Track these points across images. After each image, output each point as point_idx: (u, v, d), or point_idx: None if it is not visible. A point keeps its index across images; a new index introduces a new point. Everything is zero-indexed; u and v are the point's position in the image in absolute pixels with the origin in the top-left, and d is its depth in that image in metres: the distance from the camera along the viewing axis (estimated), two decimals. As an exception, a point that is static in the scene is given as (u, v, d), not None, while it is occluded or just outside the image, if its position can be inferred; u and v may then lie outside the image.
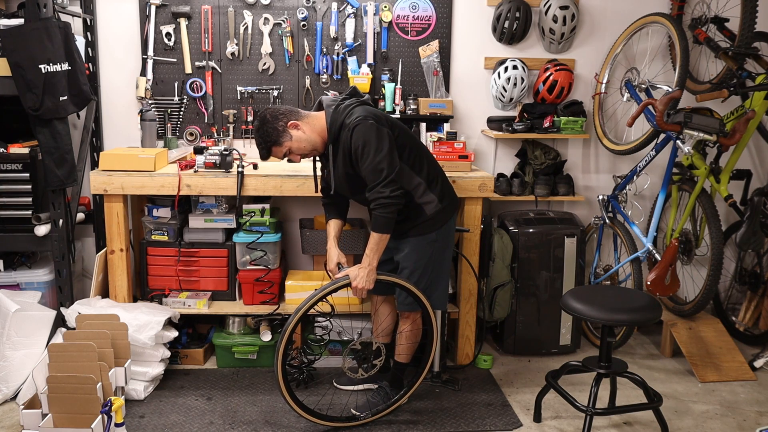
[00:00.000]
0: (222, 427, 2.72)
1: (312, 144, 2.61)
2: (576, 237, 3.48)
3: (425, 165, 2.69)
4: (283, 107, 2.66)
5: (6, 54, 2.88)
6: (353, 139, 2.49)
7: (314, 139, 2.61)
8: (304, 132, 2.59)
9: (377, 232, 2.53)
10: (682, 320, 3.51)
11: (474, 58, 3.76)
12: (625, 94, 3.68)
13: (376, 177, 2.47)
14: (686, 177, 3.45)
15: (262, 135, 2.60)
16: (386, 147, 2.49)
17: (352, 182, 2.63)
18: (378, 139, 2.48)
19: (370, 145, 2.46)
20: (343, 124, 2.55)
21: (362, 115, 2.51)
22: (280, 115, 2.60)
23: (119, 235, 3.13)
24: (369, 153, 2.47)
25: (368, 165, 2.48)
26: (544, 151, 3.77)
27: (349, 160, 2.56)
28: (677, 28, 3.31)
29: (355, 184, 2.63)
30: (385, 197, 2.46)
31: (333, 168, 2.64)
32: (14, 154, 3.08)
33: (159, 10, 3.51)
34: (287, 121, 2.58)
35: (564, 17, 3.61)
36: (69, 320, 3.03)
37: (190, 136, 3.63)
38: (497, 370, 3.38)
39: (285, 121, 2.58)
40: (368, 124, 2.49)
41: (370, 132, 2.47)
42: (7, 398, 2.90)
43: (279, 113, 2.61)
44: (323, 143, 2.62)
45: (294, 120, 2.59)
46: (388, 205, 2.48)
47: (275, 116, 2.59)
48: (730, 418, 2.93)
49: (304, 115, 2.64)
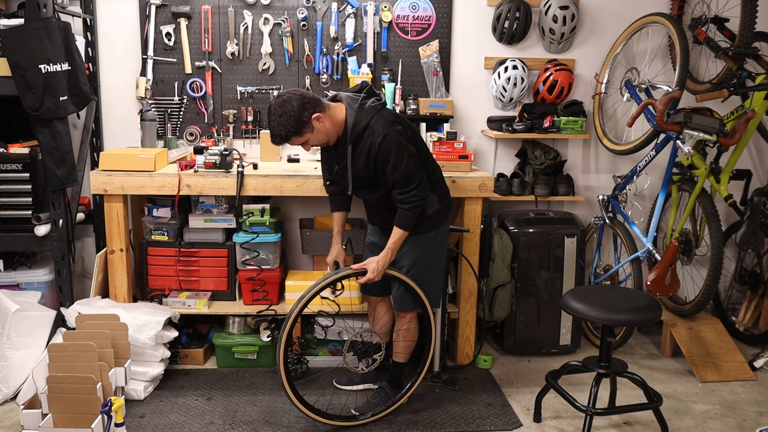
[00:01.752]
0: (222, 427, 2.72)
1: (328, 137, 2.56)
2: (576, 237, 3.48)
3: (429, 165, 2.73)
4: (309, 94, 2.52)
5: (6, 54, 2.88)
6: (383, 146, 2.48)
7: (331, 133, 2.56)
8: (325, 125, 2.52)
9: (404, 229, 2.61)
10: (682, 320, 3.51)
11: (474, 58, 3.76)
12: (625, 94, 3.68)
13: (409, 181, 2.53)
14: (686, 177, 3.46)
15: (283, 122, 2.46)
16: (415, 152, 2.56)
17: (369, 182, 2.63)
18: (408, 146, 2.53)
19: (403, 152, 2.49)
20: (368, 128, 2.50)
21: (390, 120, 2.51)
22: (306, 104, 2.46)
23: (119, 235, 3.13)
24: (402, 160, 2.49)
25: (402, 171, 2.51)
26: (544, 151, 3.76)
27: (372, 164, 2.54)
28: (677, 28, 3.31)
29: (371, 184, 2.64)
30: (419, 199, 2.56)
31: (351, 167, 2.59)
32: (14, 154, 3.08)
33: (159, 10, 3.51)
34: (313, 113, 2.47)
35: (564, 17, 3.61)
36: (69, 320, 3.03)
37: (190, 136, 3.63)
38: (497, 370, 3.38)
39: (311, 112, 2.47)
40: (398, 131, 2.51)
41: (401, 139, 2.50)
42: (7, 398, 2.90)
43: (306, 102, 2.47)
44: (337, 137, 2.58)
45: (319, 112, 2.49)
46: (419, 206, 2.58)
47: (303, 105, 2.46)
48: (730, 418, 2.93)
49: (326, 106, 2.55)
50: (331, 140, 2.58)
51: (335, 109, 2.57)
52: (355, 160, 2.57)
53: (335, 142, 2.60)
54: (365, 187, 2.67)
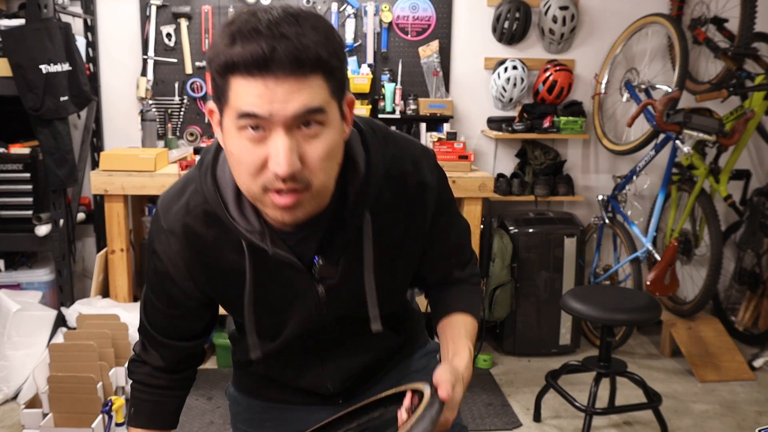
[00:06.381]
0: (222, 427, 2.73)
1: (329, 186, 1.00)
2: (576, 237, 3.48)
3: None
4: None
5: (7, 54, 2.88)
6: (442, 198, 1.18)
7: (334, 170, 1.00)
8: (345, 133, 1.01)
9: (477, 316, 1.28)
10: (682, 320, 3.52)
11: (474, 59, 3.76)
12: (624, 95, 3.69)
13: (465, 250, 1.30)
14: (686, 177, 3.46)
15: (330, 36, 0.92)
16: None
17: (386, 283, 1.16)
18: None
19: (453, 200, 1.25)
20: (401, 171, 1.11)
21: (422, 146, 1.18)
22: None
23: (120, 235, 3.13)
24: (453, 212, 1.25)
25: (456, 232, 1.25)
26: (544, 152, 3.77)
27: (415, 233, 1.16)
28: (677, 29, 3.32)
29: (387, 284, 1.17)
30: (479, 273, 1.35)
31: (374, 264, 1.11)
32: (15, 155, 3.08)
33: (159, 11, 3.51)
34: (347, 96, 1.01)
35: (564, 18, 3.61)
36: (69, 320, 3.04)
37: (191, 136, 3.63)
38: (497, 370, 3.39)
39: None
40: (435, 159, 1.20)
41: (445, 176, 1.20)
42: (8, 398, 2.90)
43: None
44: (329, 198, 1.02)
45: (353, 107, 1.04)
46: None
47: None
48: (729, 418, 2.93)
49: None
50: (324, 194, 0.99)
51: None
52: (381, 242, 1.11)
53: (316, 214, 1.01)
54: (381, 290, 1.15)
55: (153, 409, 1.23)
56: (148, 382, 1.22)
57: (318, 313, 1.14)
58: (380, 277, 1.12)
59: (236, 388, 1.38)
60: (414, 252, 1.19)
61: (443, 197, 1.17)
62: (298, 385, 1.27)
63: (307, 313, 1.14)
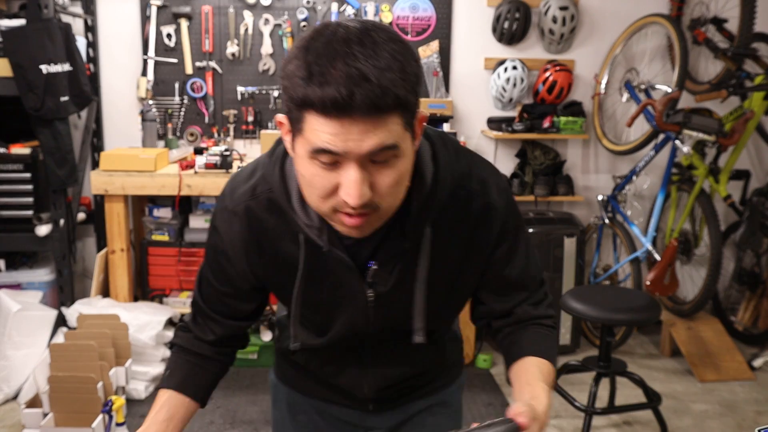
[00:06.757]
0: (222, 427, 2.73)
1: (397, 206, 1.00)
2: (575, 237, 3.49)
3: None
4: None
5: (7, 54, 2.88)
6: (509, 219, 1.14)
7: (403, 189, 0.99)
8: (412, 155, 0.98)
9: (554, 360, 1.19)
10: (682, 320, 3.52)
11: (474, 59, 3.76)
12: (624, 95, 3.69)
13: (533, 282, 1.21)
14: (685, 177, 3.46)
15: (409, 68, 0.91)
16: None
17: (441, 295, 1.16)
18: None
19: (522, 229, 1.19)
20: (467, 190, 1.10)
21: (491, 167, 1.20)
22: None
23: (120, 235, 3.14)
24: (520, 241, 1.18)
25: (521, 264, 1.17)
26: (544, 152, 3.77)
27: (474, 255, 1.13)
28: (676, 29, 3.32)
29: (443, 298, 1.17)
30: (554, 315, 1.25)
31: (427, 279, 1.10)
32: (15, 155, 3.08)
33: (160, 11, 3.51)
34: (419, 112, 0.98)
35: (563, 18, 3.61)
36: (70, 320, 3.04)
37: (191, 136, 3.63)
38: (497, 370, 3.39)
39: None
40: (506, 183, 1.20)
41: (514, 201, 1.19)
42: (8, 398, 2.91)
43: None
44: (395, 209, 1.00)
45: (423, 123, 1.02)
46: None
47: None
48: (729, 418, 2.93)
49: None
50: (391, 213, 1.00)
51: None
52: (438, 258, 1.10)
53: (381, 224, 1.01)
54: (433, 308, 1.15)
55: (187, 373, 1.21)
56: (189, 347, 1.23)
57: (364, 318, 1.14)
58: (431, 293, 1.11)
59: (276, 376, 1.40)
60: (471, 275, 1.16)
61: (510, 223, 1.13)
62: (336, 382, 1.28)
63: (353, 315, 1.14)
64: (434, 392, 1.35)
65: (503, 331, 1.22)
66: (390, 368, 1.25)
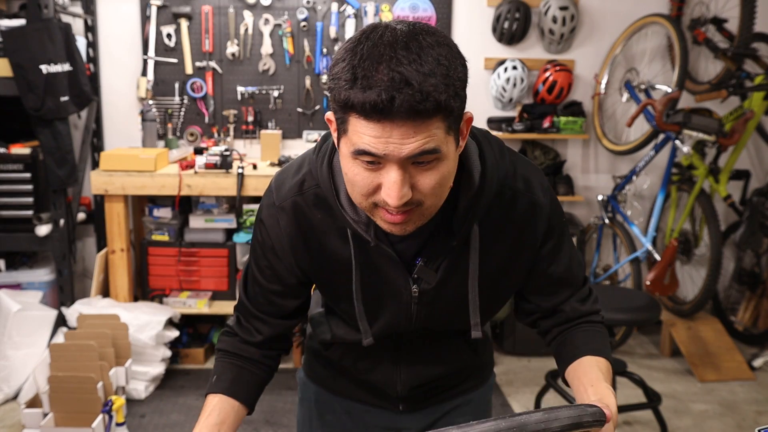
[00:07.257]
0: (222, 427, 2.73)
1: (439, 205, 1.01)
2: (575, 237, 3.49)
3: None
4: None
5: (7, 54, 2.89)
6: (554, 218, 1.15)
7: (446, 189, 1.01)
8: (456, 156, 0.99)
9: (610, 358, 1.19)
10: (681, 320, 3.52)
11: (474, 59, 3.76)
12: (624, 95, 3.69)
13: (577, 279, 1.23)
14: (685, 177, 3.47)
15: (453, 68, 0.90)
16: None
17: (489, 292, 1.17)
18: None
19: (566, 227, 1.21)
20: (512, 188, 1.11)
21: (533, 166, 1.17)
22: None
23: (120, 235, 3.14)
24: (564, 239, 1.19)
25: (566, 261, 1.19)
26: (544, 152, 3.77)
27: (522, 253, 1.15)
28: (676, 29, 3.32)
29: (490, 296, 1.18)
30: (600, 310, 1.30)
31: (478, 275, 1.12)
32: (15, 155, 3.08)
33: (160, 11, 3.51)
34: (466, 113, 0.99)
35: (563, 18, 3.61)
36: (70, 320, 3.04)
37: (191, 136, 3.64)
38: (497, 370, 3.38)
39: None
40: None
41: (557, 200, 1.18)
42: (8, 398, 2.91)
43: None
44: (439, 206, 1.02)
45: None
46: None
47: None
48: (728, 418, 2.93)
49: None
50: (434, 211, 1.01)
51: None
52: (486, 256, 1.12)
53: (424, 222, 1.01)
54: (486, 305, 1.18)
55: (235, 377, 1.19)
56: (236, 351, 1.21)
57: (406, 315, 1.15)
58: (480, 290, 1.13)
59: (306, 374, 1.39)
60: (518, 272, 1.16)
61: (554, 220, 1.15)
62: (368, 379, 1.28)
63: (397, 311, 1.15)
64: (465, 392, 1.36)
65: (552, 332, 1.22)
66: (425, 366, 1.26)
